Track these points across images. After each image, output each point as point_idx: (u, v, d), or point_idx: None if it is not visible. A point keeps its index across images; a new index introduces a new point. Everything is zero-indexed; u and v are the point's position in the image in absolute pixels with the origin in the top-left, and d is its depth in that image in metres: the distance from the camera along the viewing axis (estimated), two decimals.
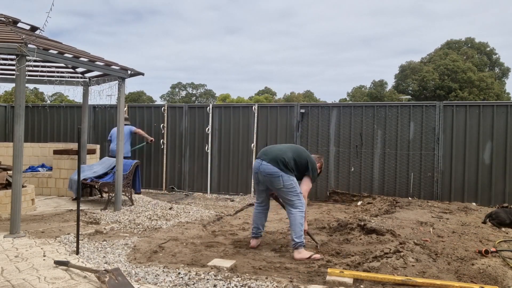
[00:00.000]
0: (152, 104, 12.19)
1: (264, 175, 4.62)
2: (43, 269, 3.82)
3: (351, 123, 8.52)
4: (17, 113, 5.20)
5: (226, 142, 9.43)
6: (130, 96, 54.76)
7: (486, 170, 7.69)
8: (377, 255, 4.12)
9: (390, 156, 8.26)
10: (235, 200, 8.72)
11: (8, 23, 6.52)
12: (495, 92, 39.20)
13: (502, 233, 5.29)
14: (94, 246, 4.67)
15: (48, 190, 8.39)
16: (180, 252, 4.63)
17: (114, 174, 7.18)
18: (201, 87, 71.32)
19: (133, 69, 6.97)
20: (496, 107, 7.70)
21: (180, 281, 3.56)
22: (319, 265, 4.15)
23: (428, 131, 8.03)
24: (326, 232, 5.78)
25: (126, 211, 6.83)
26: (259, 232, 4.94)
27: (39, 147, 9.26)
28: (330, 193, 8.59)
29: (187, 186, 9.71)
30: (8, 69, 7.46)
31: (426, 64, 43.10)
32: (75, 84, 8.29)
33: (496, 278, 3.64)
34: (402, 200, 7.49)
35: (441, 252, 4.22)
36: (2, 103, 11.42)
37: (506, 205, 6.75)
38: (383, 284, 3.50)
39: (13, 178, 5.22)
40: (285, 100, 56.42)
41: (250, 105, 9.41)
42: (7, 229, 5.23)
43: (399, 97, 38.31)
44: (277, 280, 3.60)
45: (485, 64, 43.90)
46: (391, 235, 4.81)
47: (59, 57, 5.76)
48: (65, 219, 6.16)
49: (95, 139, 10.41)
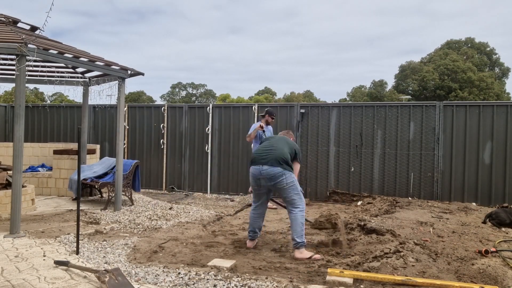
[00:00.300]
0: (152, 104, 12.19)
1: (268, 178, 4.60)
2: (43, 269, 3.82)
3: (351, 123, 8.52)
4: (17, 113, 5.20)
5: (226, 142, 9.43)
6: (130, 96, 54.76)
7: (486, 170, 7.69)
8: (377, 255, 4.12)
9: (390, 156, 8.26)
10: (235, 200, 8.72)
11: (8, 23, 6.52)
12: (495, 92, 39.19)
13: (502, 233, 5.29)
14: (94, 246, 4.67)
15: (48, 190, 8.39)
16: (180, 252, 4.63)
17: (114, 174, 7.18)
18: (201, 87, 71.32)
19: (133, 69, 6.97)
20: (496, 107, 7.70)
21: (180, 281, 3.56)
22: (319, 265, 4.15)
23: (428, 131, 8.03)
24: (326, 232, 5.78)
25: (126, 211, 6.83)
26: (255, 235, 4.92)
27: (39, 147, 9.26)
28: (330, 193, 8.59)
29: (187, 186, 9.71)
30: (8, 69, 7.46)
31: (426, 64, 43.10)
32: (75, 84, 8.29)
33: (496, 278, 3.64)
34: (402, 200, 7.50)
35: (441, 252, 4.22)
36: (2, 103, 11.43)
37: (506, 205, 6.75)
38: (383, 284, 3.50)
39: (13, 178, 5.22)
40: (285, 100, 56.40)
41: (250, 105, 9.41)
42: (7, 229, 5.23)
43: (399, 97, 38.31)
44: (277, 280, 3.60)
45: (485, 64, 43.89)
46: (391, 235, 4.81)
47: (59, 57, 5.76)
48: (65, 219, 6.16)
49: (95, 139, 10.42)
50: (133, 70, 6.96)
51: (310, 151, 8.76)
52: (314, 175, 8.70)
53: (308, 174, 8.74)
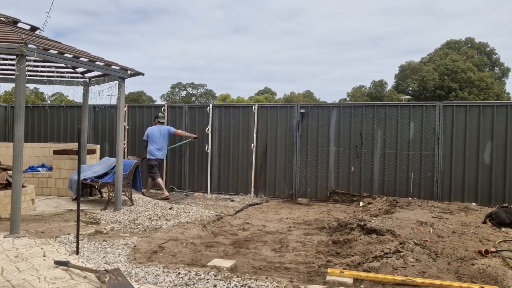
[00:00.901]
0: (152, 104, 12.18)
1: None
2: (43, 269, 3.82)
3: (351, 123, 8.52)
4: (17, 113, 5.20)
5: (226, 142, 9.43)
6: (130, 96, 54.76)
7: (486, 170, 7.69)
8: (377, 255, 4.12)
9: (390, 156, 8.26)
10: (235, 200, 8.72)
11: (8, 23, 6.52)
12: (495, 92, 39.19)
13: (502, 233, 5.29)
14: (94, 246, 4.67)
15: (48, 190, 8.39)
16: (180, 252, 4.63)
17: (114, 174, 7.18)
18: (201, 87, 71.32)
19: (133, 69, 6.97)
20: (496, 107, 7.70)
21: (180, 281, 3.56)
22: (319, 265, 4.16)
23: (428, 131, 8.03)
24: (326, 232, 5.78)
25: (126, 211, 6.83)
26: None
27: (39, 147, 9.26)
28: (330, 193, 8.59)
29: (187, 186, 9.71)
30: (8, 69, 7.46)
31: (426, 64, 43.10)
32: (75, 84, 8.29)
33: (496, 278, 3.64)
34: (402, 200, 7.49)
35: (441, 252, 4.22)
36: (2, 103, 11.43)
37: (506, 205, 6.75)
38: (383, 284, 3.50)
39: (13, 178, 5.22)
40: (285, 100, 56.40)
41: (250, 105, 9.41)
42: (7, 229, 5.22)
43: (399, 97, 38.30)
44: (277, 280, 3.60)
45: (485, 64, 43.90)
46: (391, 235, 4.81)
47: (59, 57, 5.76)
48: (65, 219, 6.15)
49: (95, 139, 10.42)
50: (133, 70, 6.96)
51: (310, 151, 8.76)
52: (314, 175, 8.70)
53: (308, 174, 8.74)
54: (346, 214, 7.06)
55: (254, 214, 7.13)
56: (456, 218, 5.86)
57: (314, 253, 4.68)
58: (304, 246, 5.03)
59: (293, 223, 6.43)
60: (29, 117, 10.67)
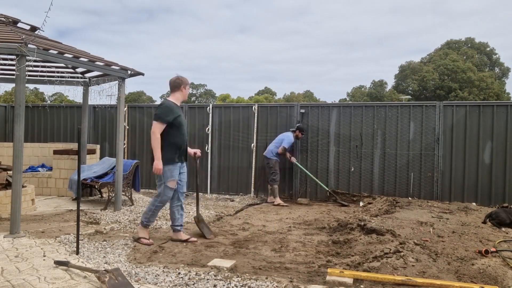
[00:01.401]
0: (152, 104, 12.18)
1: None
2: (43, 269, 3.82)
3: (351, 123, 8.52)
4: (17, 113, 5.20)
5: (226, 142, 9.43)
6: (130, 96, 54.78)
7: (486, 170, 7.69)
8: (377, 255, 4.12)
9: (390, 156, 8.26)
10: (235, 200, 8.72)
11: (8, 23, 6.52)
12: (495, 92, 39.22)
13: (502, 233, 5.29)
14: (94, 246, 4.67)
15: (48, 190, 8.39)
16: (180, 252, 4.63)
17: (114, 174, 7.18)
18: (201, 87, 71.31)
19: (133, 69, 6.97)
20: (496, 107, 7.70)
21: (180, 281, 3.56)
22: (319, 265, 4.16)
23: (428, 131, 8.03)
24: (326, 232, 5.78)
25: (126, 211, 6.83)
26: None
27: (39, 147, 9.26)
28: (330, 193, 8.58)
29: (187, 186, 9.69)
30: (8, 69, 7.46)
31: (426, 64, 43.12)
32: (75, 84, 8.30)
33: (496, 278, 3.64)
34: (402, 200, 7.50)
35: (441, 252, 4.22)
36: (2, 103, 11.42)
37: (506, 205, 6.75)
38: (383, 284, 3.50)
39: (13, 178, 5.22)
40: (285, 100, 56.43)
41: (250, 105, 9.41)
42: (7, 229, 5.23)
43: (399, 97, 38.31)
44: (277, 280, 3.60)
45: (485, 64, 43.94)
46: (391, 235, 4.81)
47: (59, 57, 5.76)
48: (65, 219, 6.16)
49: (95, 139, 10.41)
50: (133, 70, 6.96)
51: (310, 151, 8.76)
52: (314, 175, 8.69)
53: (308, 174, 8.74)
54: (346, 214, 7.06)
55: (254, 214, 7.13)
56: (456, 218, 5.86)
57: (314, 253, 4.68)
58: (304, 246, 5.03)
59: (293, 223, 6.43)
60: (29, 117, 10.66)
